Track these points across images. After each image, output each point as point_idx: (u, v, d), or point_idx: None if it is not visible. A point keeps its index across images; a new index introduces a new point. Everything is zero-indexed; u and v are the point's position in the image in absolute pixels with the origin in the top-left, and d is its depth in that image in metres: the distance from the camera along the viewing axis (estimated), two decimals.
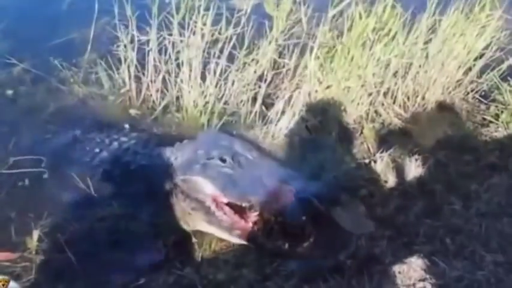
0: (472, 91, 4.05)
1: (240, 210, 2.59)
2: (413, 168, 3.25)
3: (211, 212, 2.63)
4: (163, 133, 3.33)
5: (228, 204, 2.62)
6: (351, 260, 2.65)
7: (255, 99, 3.57)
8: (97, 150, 3.04)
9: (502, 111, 3.87)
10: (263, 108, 3.58)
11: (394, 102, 3.81)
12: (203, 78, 3.52)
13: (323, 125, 3.47)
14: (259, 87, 3.56)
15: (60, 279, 2.49)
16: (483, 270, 2.65)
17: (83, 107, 3.52)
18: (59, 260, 2.55)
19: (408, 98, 3.86)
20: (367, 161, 3.37)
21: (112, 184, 2.91)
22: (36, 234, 2.62)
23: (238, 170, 2.68)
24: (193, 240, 2.71)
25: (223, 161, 2.70)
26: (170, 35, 3.50)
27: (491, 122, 3.86)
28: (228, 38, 3.50)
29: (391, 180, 3.21)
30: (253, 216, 2.58)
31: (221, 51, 3.52)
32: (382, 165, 3.27)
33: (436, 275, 2.61)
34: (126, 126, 3.27)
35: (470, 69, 3.97)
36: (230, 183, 2.61)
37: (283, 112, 3.47)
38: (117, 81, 3.65)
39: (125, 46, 3.54)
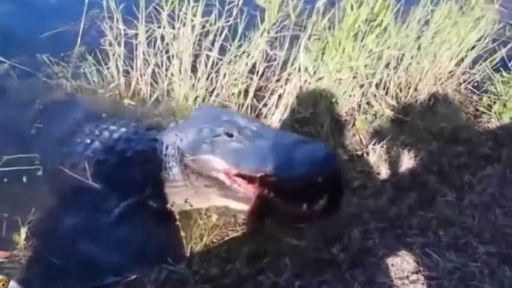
0: (464, 82, 4.05)
1: (253, 180, 2.58)
2: (406, 160, 3.25)
3: (226, 186, 2.64)
4: (154, 122, 3.28)
5: (239, 175, 2.61)
6: (344, 253, 2.64)
7: (246, 91, 3.53)
8: (88, 141, 2.99)
9: (494, 102, 3.88)
10: (254, 100, 3.54)
11: (386, 94, 3.80)
12: (194, 71, 3.48)
13: (315, 117, 3.45)
14: (251, 79, 3.53)
15: (49, 276, 2.46)
16: (476, 262, 2.65)
17: (72, 101, 3.46)
18: (48, 257, 2.52)
19: (400, 89, 3.85)
20: (359, 152, 3.37)
21: (106, 174, 2.87)
22: (23, 231, 2.59)
23: (247, 142, 2.65)
24: (183, 234, 2.68)
25: (230, 135, 2.66)
26: (159, 27, 3.45)
27: (483, 112, 3.86)
28: (219, 30, 3.46)
29: (383, 172, 3.21)
30: (268, 182, 2.55)
31: (212, 43, 3.48)
32: (375, 157, 3.27)
33: (429, 267, 2.61)
34: (118, 117, 3.21)
35: (462, 60, 3.97)
36: (242, 156, 2.60)
37: (274, 105, 3.44)
38: (107, 75, 3.60)
39: (110, 44, 3.49)
